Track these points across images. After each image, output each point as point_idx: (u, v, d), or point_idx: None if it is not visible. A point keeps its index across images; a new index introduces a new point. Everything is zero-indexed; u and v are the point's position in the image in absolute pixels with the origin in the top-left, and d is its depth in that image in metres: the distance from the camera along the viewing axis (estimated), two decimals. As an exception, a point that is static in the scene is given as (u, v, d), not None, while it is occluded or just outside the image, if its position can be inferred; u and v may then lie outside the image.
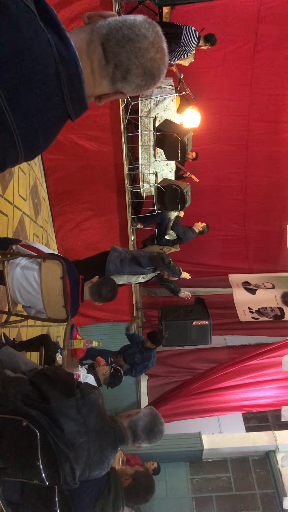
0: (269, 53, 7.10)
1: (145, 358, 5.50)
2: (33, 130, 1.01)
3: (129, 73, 1.02)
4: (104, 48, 1.00)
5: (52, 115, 1.02)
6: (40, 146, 1.08)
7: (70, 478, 1.82)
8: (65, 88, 0.99)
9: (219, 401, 6.01)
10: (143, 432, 2.03)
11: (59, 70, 0.97)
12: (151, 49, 1.01)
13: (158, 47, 1.02)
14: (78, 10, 4.67)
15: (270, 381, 5.92)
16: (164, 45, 1.04)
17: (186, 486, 7.22)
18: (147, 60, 1.01)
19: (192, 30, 5.72)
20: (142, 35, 0.99)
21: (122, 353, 5.61)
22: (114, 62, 1.01)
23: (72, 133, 5.53)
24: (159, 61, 1.04)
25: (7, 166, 1.08)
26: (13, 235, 4.16)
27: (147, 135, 6.16)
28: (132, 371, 5.55)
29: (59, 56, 0.96)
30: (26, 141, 1.02)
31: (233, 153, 8.16)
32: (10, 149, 1.01)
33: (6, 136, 0.98)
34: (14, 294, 2.74)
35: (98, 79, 1.04)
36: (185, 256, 8.72)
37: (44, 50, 0.94)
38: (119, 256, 4.45)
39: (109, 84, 1.06)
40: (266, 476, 7.33)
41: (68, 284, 2.72)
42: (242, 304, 8.63)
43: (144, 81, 1.05)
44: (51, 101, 1.00)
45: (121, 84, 1.05)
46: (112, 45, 1.00)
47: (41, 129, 1.03)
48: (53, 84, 0.98)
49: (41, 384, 1.90)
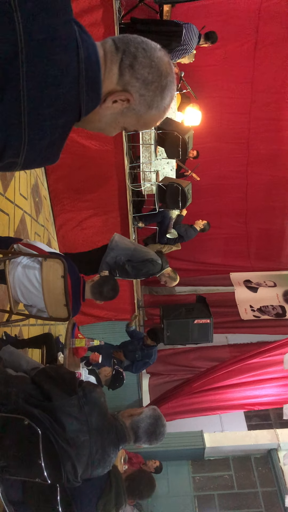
0: (270, 51, 7.09)
1: (146, 355, 5.48)
2: (40, 106, 0.95)
3: (136, 60, 1.02)
4: (114, 39, 1.04)
5: (63, 94, 0.97)
6: (45, 134, 1.00)
7: (72, 476, 1.83)
8: (82, 65, 0.97)
9: (221, 399, 6.01)
10: (144, 434, 2.03)
11: (79, 47, 0.97)
12: (159, 52, 1.04)
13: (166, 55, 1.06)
14: (78, 8, 4.66)
15: (272, 379, 5.92)
16: (172, 68, 1.07)
17: (188, 484, 7.24)
18: (154, 56, 1.03)
19: (192, 28, 5.71)
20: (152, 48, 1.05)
21: (123, 348, 5.59)
22: (123, 48, 1.02)
23: (73, 132, 5.51)
24: (167, 64, 1.05)
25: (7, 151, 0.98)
26: (14, 234, 4.16)
27: (148, 133, 6.15)
28: (132, 367, 5.53)
29: (80, 37, 0.97)
30: (32, 120, 0.95)
31: (234, 151, 8.15)
32: (15, 126, 0.94)
33: (13, 106, 0.92)
34: (16, 293, 2.75)
35: (108, 65, 1.03)
36: (187, 254, 8.72)
37: (68, 25, 0.96)
38: (114, 258, 4.43)
39: (118, 73, 1.03)
40: (268, 474, 7.34)
41: (69, 283, 2.72)
42: (243, 303, 8.63)
43: (151, 74, 1.03)
44: (66, 77, 0.96)
45: (128, 73, 1.03)
46: (122, 38, 1.04)
47: (49, 109, 0.96)
48: (71, 56, 0.96)
49: (43, 382, 1.91)
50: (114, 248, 4.48)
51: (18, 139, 0.96)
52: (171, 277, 4.78)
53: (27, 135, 0.96)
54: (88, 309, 7.20)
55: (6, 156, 0.99)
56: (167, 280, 4.79)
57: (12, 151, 0.99)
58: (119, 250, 4.47)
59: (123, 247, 4.51)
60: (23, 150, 0.99)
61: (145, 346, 5.46)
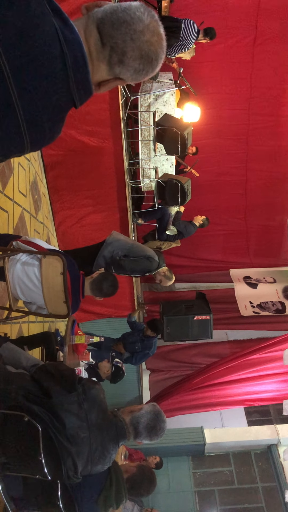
0: (269, 46, 7.07)
1: (146, 346, 5.48)
2: (38, 114, 1.00)
3: (125, 55, 1.01)
4: (100, 31, 1.00)
5: (57, 99, 1.01)
6: (46, 134, 1.06)
7: (72, 472, 1.83)
8: (70, 70, 0.99)
9: (221, 395, 6.03)
10: (144, 429, 2.03)
11: (65, 52, 0.96)
12: (146, 32, 1.00)
13: (154, 30, 1.01)
14: (76, 4, 4.65)
15: (272, 375, 5.94)
16: (161, 30, 1.03)
17: (189, 480, 7.26)
18: (142, 42, 1.01)
19: (191, 24, 5.69)
20: (137, 18, 0.99)
21: (122, 340, 5.60)
22: (110, 44, 1.01)
23: (72, 128, 5.51)
24: (155, 44, 1.03)
25: (12, 155, 1.06)
26: (13, 231, 4.16)
27: (147, 130, 6.14)
28: (132, 359, 5.54)
29: (64, 39, 0.96)
30: (32, 127, 1.00)
31: (233, 147, 8.14)
32: (15, 135, 0.99)
33: (11, 120, 0.97)
34: (15, 290, 2.75)
35: (96, 63, 1.04)
36: (186, 251, 8.72)
37: (50, 31, 0.94)
38: (111, 253, 4.41)
39: (107, 68, 1.05)
40: (268, 469, 7.37)
41: (68, 280, 2.72)
42: (243, 299, 8.63)
43: (141, 64, 1.04)
44: (56, 84, 0.98)
45: (118, 68, 1.04)
46: (107, 28, 1.00)
47: (46, 115, 1.01)
48: (59, 66, 0.97)
49: (42, 379, 1.91)
50: (111, 242, 4.47)
51: (21, 143, 1.02)
52: (166, 276, 4.75)
53: (28, 137, 1.01)
54: (88, 306, 7.20)
55: (11, 156, 1.07)
56: (162, 279, 4.76)
57: (17, 152, 1.05)
58: (117, 245, 4.46)
59: (121, 243, 4.50)
60: (27, 148, 1.05)
61: (145, 337, 5.47)
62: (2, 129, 0.97)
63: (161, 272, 4.70)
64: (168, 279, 4.79)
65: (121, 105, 5.40)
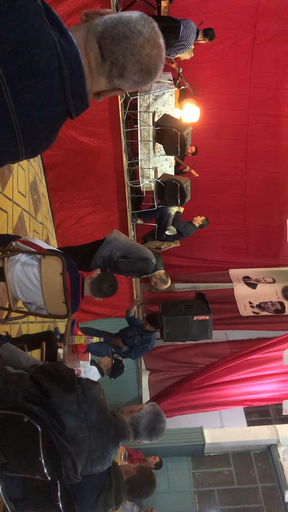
0: (268, 46, 7.07)
1: (145, 340, 5.48)
2: (34, 125, 1.01)
3: (126, 70, 1.03)
4: (100, 46, 1.01)
5: (54, 111, 1.02)
6: (41, 144, 1.07)
7: (72, 473, 1.83)
8: (67, 82, 0.99)
9: (221, 395, 6.03)
10: (144, 430, 2.03)
11: (62, 65, 0.97)
12: (146, 46, 1.01)
13: (154, 43, 1.02)
14: (75, 5, 4.64)
15: (271, 375, 5.94)
16: (160, 41, 1.04)
17: (188, 480, 7.26)
18: (143, 56, 1.02)
19: (190, 24, 5.69)
20: (138, 32, 1.00)
21: (121, 335, 5.60)
22: (110, 59, 1.01)
23: (71, 129, 5.51)
24: (155, 57, 1.04)
25: (6, 162, 1.07)
26: (12, 232, 4.15)
27: (146, 130, 6.14)
28: (131, 353, 5.53)
29: (62, 51, 0.97)
30: (27, 137, 1.01)
31: (232, 148, 8.14)
32: (10, 145, 1.00)
33: (7, 130, 0.97)
34: (15, 290, 2.74)
35: (95, 77, 1.05)
36: (186, 251, 8.72)
37: (48, 44, 0.95)
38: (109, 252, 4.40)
39: (106, 81, 1.06)
40: (267, 469, 7.37)
41: (68, 280, 2.71)
42: (242, 299, 8.63)
43: (141, 77, 1.06)
44: (53, 96, 0.99)
45: (118, 81, 1.06)
46: (108, 43, 1.00)
47: (42, 125, 1.02)
48: (56, 78, 0.98)
49: (42, 380, 1.91)
50: (111, 241, 4.45)
51: (15, 152, 1.03)
52: (162, 279, 4.72)
53: (24, 147, 1.03)
54: (87, 306, 7.20)
55: (5, 163, 1.08)
56: (158, 282, 4.73)
57: (10, 160, 1.07)
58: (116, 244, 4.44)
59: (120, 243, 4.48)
60: (22, 156, 1.06)
61: (144, 331, 5.46)
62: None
63: (157, 275, 4.68)
64: (163, 283, 4.76)
65: (120, 105, 5.41)
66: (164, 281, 4.75)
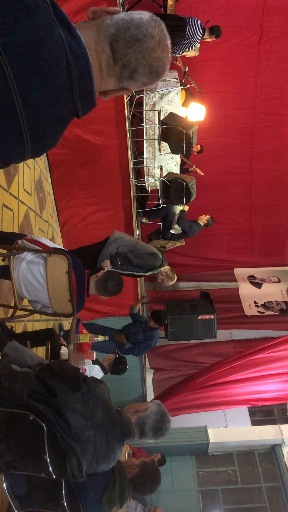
0: (274, 45, 7.04)
1: (148, 337, 5.46)
2: (41, 124, 1.01)
3: (136, 72, 1.05)
4: (113, 48, 1.02)
5: (61, 110, 1.03)
6: (47, 142, 1.08)
7: (77, 471, 1.83)
8: (75, 82, 1.00)
9: (225, 395, 6.02)
10: (150, 430, 2.04)
11: (70, 64, 0.98)
12: (157, 49, 1.03)
13: (163, 45, 1.05)
14: (82, 3, 4.65)
15: (276, 375, 5.93)
16: (168, 43, 1.06)
17: (192, 479, 7.26)
18: (153, 59, 1.04)
19: (197, 22, 5.67)
20: (149, 35, 1.02)
21: (124, 331, 5.60)
22: (122, 62, 1.03)
23: (77, 127, 5.52)
24: (164, 59, 1.06)
25: (12, 161, 1.07)
26: (18, 230, 4.16)
27: (152, 128, 6.13)
28: (134, 349, 5.53)
29: (70, 50, 0.97)
30: (34, 136, 1.02)
31: (238, 147, 8.12)
32: (17, 143, 1.01)
33: (14, 128, 0.98)
34: (20, 288, 2.75)
35: (105, 78, 1.06)
36: (191, 250, 8.72)
37: (57, 43, 0.95)
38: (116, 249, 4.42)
39: (116, 82, 1.08)
40: (272, 469, 7.36)
41: (74, 279, 2.71)
42: (247, 298, 8.62)
43: (149, 79, 1.08)
44: (60, 95, 1.00)
45: (127, 82, 1.08)
46: (121, 46, 1.02)
47: (49, 124, 1.03)
48: (64, 78, 0.98)
49: (47, 378, 1.91)
50: (116, 239, 4.47)
51: (22, 151, 1.04)
52: (168, 275, 4.75)
53: (30, 146, 1.03)
54: (92, 305, 7.21)
55: (11, 162, 1.08)
56: (164, 279, 4.76)
57: (17, 159, 1.07)
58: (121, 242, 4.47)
59: (125, 240, 4.51)
60: (28, 155, 1.07)
61: (147, 328, 5.45)
62: (5, 137, 0.98)
63: (163, 272, 4.71)
64: (170, 279, 4.79)
65: (126, 103, 5.40)
66: (171, 277, 4.78)
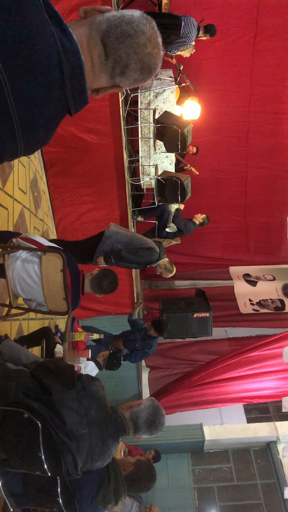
0: (269, 43, 7.05)
1: (146, 345, 5.40)
2: (33, 121, 1.02)
3: (128, 68, 1.05)
4: (104, 43, 1.02)
5: (53, 107, 1.03)
6: (39, 139, 1.08)
7: (72, 469, 1.84)
8: (67, 79, 1.00)
9: (220, 392, 6.04)
10: (144, 424, 2.04)
11: (62, 62, 0.98)
12: (148, 45, 1.04)
13: (154, 42, 1.05)
14: (76, 1, 4.63)
15: (271, 373, 5.96)
16: (159, 40, 1.07)
17: (188, 476, 7.28)
18: (145, 55, 1.04)
19: (191, 21, 5.68)
20: (140, 31, 1.02)
21: (122, 337, 5.54)
22: (113, 57, 1.03)
23: (72, 126, 5.51)
24: (155, 56, 1.07)
25: (5, 159, 1.08)
26: (13, 229, 4.16)
27: (147, 127, 6.13)
28: (131, 356, 5.47)
29: (62, 47, 0.97)
30: (26, 133, 1.02)
31: (233, 145, 8.13)
32: (9, 141, 1.01)
33: (6, 126, 0.98)
34: (15, 287, 2.75)
35: (97, 74, 1.06)
36: (186, 248, 8.73)
37: (49, 40, 0.96)
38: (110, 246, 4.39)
39: (108, 78, 1.08)
40: (267, 466, 7.39)
41: (68, 277, 2.72)
42: (243, 296, 8.64)
43: (141, 75, 1.08)
44: (53, 93, 1.00)
45: (119, 78, 1.08)
46: (112, 41, 1.02)
47: (42, 121, 1.03)
48: (56, 75, 0.99)
49: (42, 376, 1.91)
50: (111, 235, 4.43)
51: (14, 148, 1.04)
52: (167, 268, 4.70)
53: (23, 143, 1.04)
54: (88, 303, 7.21)
55: (4, 160, 1.08)
56: (163, 271, 4.72)
57: (10, 156, 1.08)
58: (116, 238, 4.42)
59: (120, 235, 4.45)
60: (20, 153, 1.07)
61: (146, 336, 5.41)
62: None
63: (161, 265, 4.66)
64: (169, 271, 4.74)
65: (121, 102, 5.40)
66: (170, 269, 4.73)
